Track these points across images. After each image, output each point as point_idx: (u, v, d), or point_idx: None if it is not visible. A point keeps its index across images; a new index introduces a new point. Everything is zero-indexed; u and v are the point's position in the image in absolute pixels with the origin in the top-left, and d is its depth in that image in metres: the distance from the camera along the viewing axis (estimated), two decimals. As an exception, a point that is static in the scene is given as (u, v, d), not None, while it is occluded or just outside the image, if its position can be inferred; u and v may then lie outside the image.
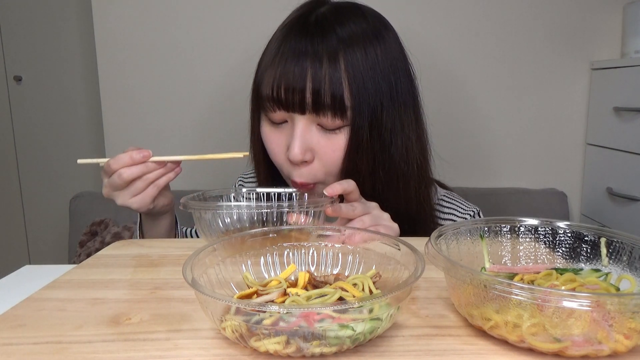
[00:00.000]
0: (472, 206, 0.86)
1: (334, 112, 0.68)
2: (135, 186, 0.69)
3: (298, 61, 0.68)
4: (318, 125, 0.71)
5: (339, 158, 0.72)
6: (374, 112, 0.70)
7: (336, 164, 0.72)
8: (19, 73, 1.79)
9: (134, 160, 0.68)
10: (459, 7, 1.41)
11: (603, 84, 1.40)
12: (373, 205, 0.67)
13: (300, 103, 0.68)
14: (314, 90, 0.67)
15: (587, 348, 0.35)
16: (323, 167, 0.73)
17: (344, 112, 0.69)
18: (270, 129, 0.75)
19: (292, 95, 0.68)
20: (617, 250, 0.45)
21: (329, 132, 0.71)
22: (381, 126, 0.71)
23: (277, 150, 0.75)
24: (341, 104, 0.68)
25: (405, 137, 0.74)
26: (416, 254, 0.41)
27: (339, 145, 0.71)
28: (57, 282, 0.51)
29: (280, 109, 0.70)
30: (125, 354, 0.36)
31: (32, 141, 1.84)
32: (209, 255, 0.44)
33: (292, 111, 0.70)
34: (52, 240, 1.88)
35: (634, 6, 1.35)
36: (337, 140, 0.71)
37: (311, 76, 0.67)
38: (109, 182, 0.69)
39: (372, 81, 0.70)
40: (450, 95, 1.43)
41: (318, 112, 0.69)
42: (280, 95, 0.69)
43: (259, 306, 0.33)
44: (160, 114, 1.47)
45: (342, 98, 0.68)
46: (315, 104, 0.68)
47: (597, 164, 1.44)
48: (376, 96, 0.70)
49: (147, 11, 1.43)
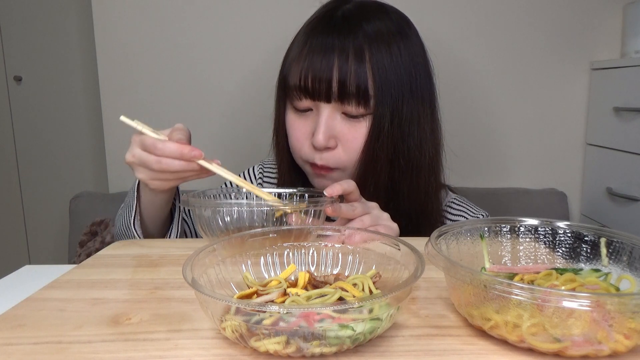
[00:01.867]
0: (481, 210, 0.87)
1: (358, 100, 0.72)
2: (165, 175, 0.65)
3: (325, 54, 0.72)
4: (342, 113, 0.75)
5: (360, 145, 0.75)
6: (395, 103, 0.74)
7: (358, 150, 0.75)
8: (19, 73, 1.79)
9: (182, 156, 0.63)
10: (458, 7, 1.41)
11: (603, 84, 1.40)
12: (373, 205, 0.68)
13: (326, 92, 0.72)
14: (340, 80, 0.71)
15: (587, 348, 0.35)
16: (345, 154, 0.76)
17: (367, 101, 0.72)
18: (295, 117, 0.78)
19: (319, 85, 0.72)
20: (617, 250, 0.45)
21: (353, 120, 0.75)
22: (401, 116, 0.74)
23: (300, 137, 0.78)
24: (365, 93, 0.72)
25: (420, 130, 0.77)
26: (416, 254, 0.41)
27: (361, 133, 0.75)
28: (57, 282, 0.51)
29: (307, 97, 0.74)
30: (125, 354, 0.36)
31: (32, 141, 1.84)
32: (209, 255, 0.44)
33: (318, 100, 0.74)
34: (52, 240, 1.88)
35: (634, 6, 1.35)
36: (360, 128, 0.75)
37: (338, 67, 0.71)
38: (143, 157, 0.64)
39: (394, 73, 0.73)
40: (449, 95, 1.43)
41: (343, 100, 0.72)
42: (307, 85, 0.73)
43: (259, 306, 0.33)
44: (161, 114, 1.47)
45: (366, 88, 0.72)
46: (341, 93, 0.72)
47: (597, 164, 1.44)
48: (398, 88, 0.74)
49: (147, 11, 1.43)
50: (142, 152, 0.64)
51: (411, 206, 0.78)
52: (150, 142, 0.63)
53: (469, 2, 1.41)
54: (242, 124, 1.46)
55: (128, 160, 0.66)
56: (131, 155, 0.66)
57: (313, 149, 0.76)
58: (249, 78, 1.45)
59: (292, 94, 0.76)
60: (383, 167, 0.75)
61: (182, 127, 0.67)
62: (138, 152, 0.64)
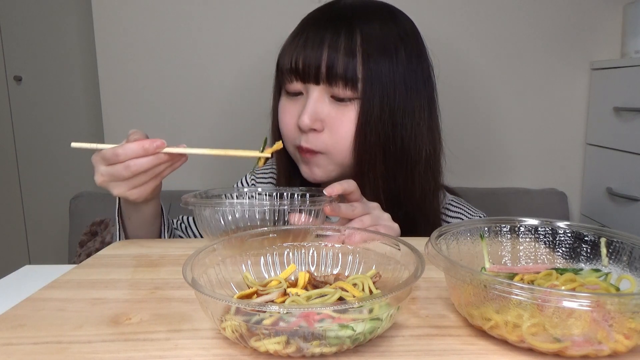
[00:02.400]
0: (479, 212, 0.87)
1: (346, 81, 0.72)
2: (139, 179, 0.63)
3: (317, 38, 0.73)
4: (331, 97, 0.74)
5: (348, 130, 0.74)
6: (386, 90, 0.73)
7: (345, 136, 0.75)
8: (19, 73, 1.79)
9: (146, 151, 0.61)
10: (458, 7, 1.41)
11: (603, 84, 1.40)
12: (374, 205, 0.67)
13: (315, 74, 0.73)
14: (329, 62, 0.72)
15: (587, 348, 0.35)
16: (331, 139, 0.75)
17: (355, 84, 0.72)
18: (286, 101, 0.79)
19: (309, 67, 0.73)
20: (617, 250, 0.45)
21: (340, 104, 0.74)
22: (393, 105, 0.74)
23: (288, 120, 0.78)
24: (353, 76, 0.72)
25: (415, 125, 0.76)
26: (416, 254, 0.41)
27: (348, 117, 0.74)
28: (57, 282, 0.51)
29: (297, 79, 0.75)
30: (125, 354, 0.36)
31: (32, 141, 1.84)
32: (209, 255, 0.44)
33: (307, 81, 0.74)
34: (52, 240, 1.88)
35: (634, 6, 1.35)
36: (348, 112, 0.74)
37: (328, 50, 0.72)
38: (110, 171, 0.62)
39: (387, 63, 0.74)
40: (448, 95, 1.43)
41: (331, 82, 0.73)
42: (297, 66, 0.74)
43: (259, 306, 0.33)
44: (161, 114, 1.47)
45: (354, 71, 0.72)
46: (329, 74, 0.72)
47: (597, 164, 1.44)
48: (389, 76, 0.74)
49: (147, 11, 1.43)
50: (107, 167, 0.62)
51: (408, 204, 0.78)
52: (110, 152, 0.61)
53: (469, 2, 1.41)
54: (242, 124, 1.46)
55: (98, 181, 0.64)
56: (99, 175, 0.63)
57: (299, 133, 0.76)
58: (250, 78, 1.45)
59: (284, 78, 0.77)
60: (377, 155, 0.75)
61: (135, 131, 0.65)
62: (103, 168, 0.63)
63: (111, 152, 0.61)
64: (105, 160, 0.63)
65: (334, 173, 0.78)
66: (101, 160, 0.63)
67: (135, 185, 0.63)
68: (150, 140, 0.61)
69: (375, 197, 0.72)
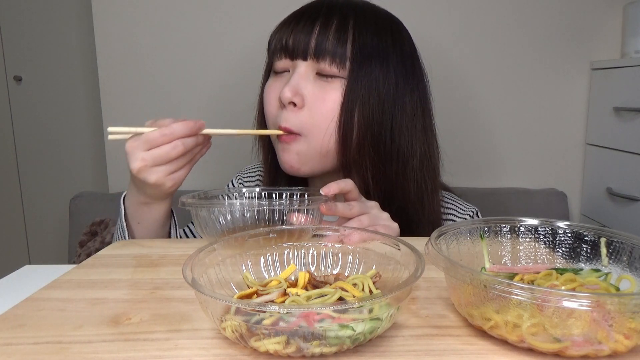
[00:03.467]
0: (471, 206, 0.86)
1: (333, 57, 0.71)
2: (179, 162, 0.63)
3: (310, 17, 0.73)
4: (317, 74, 0.73)
5: (330, 110, 0.72)
6: (375, 74, 0.73)
7: (326, 116, 0.72)
8: (19, 73, 1.79)
9: (191, 130, 0.61)
10: (458, 6, 1.41)
11: (603, 84, 1.40)
12: (372, 204, 0.67)
13: (303, 49, 0.72)
14: (319, 37, 0.72)
15: (587, 348, 0.35)
16: (311, 118, 0.73)
17: (343, 61, 0.72)
18: (271, 80, 0.78)
19: (298, 43, 0.72)
20: (617, 250, 0.45)
21: (325, 83, 0.73)
22: (381, 90, 0.73)
23: (272, 97, 0.77)
24: (342, 53, 0.71)
25: (407, 117, 0.75)
26: (416, 254, 0.41)
27: (331, 97, 0.72)
28: (57, 282, 0.51)
29: (286, 56, 0.74)
30: (125, 354, 0.36)
31: (32, 141, 1.84)
32: (209, 255, 0.44)
33: (295, 57, 0.73)
34: (52, 240, 1.88)
35: (634, 6, 1.35)
36: (331, 91, 0.72)
37: (319, 27, 0.72)
38: (155, 153, 0.61)
39: (377, 49, 0.73)
40: (449, 95, 1.44)
41: (318, 57, 0.72)
42: (287, 44, 0.73)
43: (259, 306, 0.33)
44: (161, 114, 1.47)
45: (344, 48, 0.71)
46: (317, 49, 0.72)
47: (597, 164, 1.44)
48: (379, 62, 0.73)
49: (147, 11, 1.43)
50: (150, 151, 0.62)
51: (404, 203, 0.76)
52: (156, 134, 0.61)
53: (468, 2, 1.41)
54: (242, 124, 1.45)
55: (137, 166, 0.62)
56: (139, 160, 0.62)
57: (280, 110, 0.74)
58: (250, 78, 1.44)
59: (273, 56, 0.76)
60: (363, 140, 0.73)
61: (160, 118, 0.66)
62: (144, 153, 0.62)
63: (158, 134, 0.61)
64: (148, 143, 0.62)
65: (314, 162, 0.75)
66: (142, 144, 0.62)
67: (173, 170, 0.64)
68: (193, 121, 0.63)
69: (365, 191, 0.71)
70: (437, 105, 0.84)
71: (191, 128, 0.62)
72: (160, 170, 0.63)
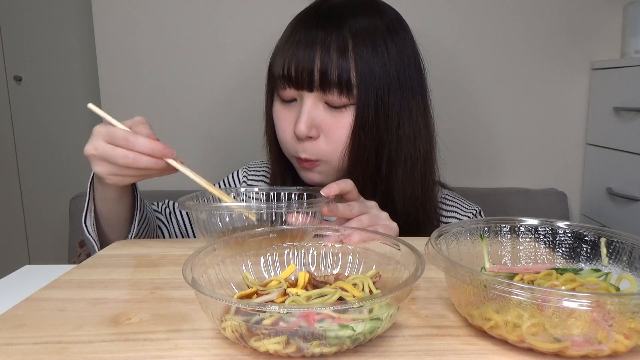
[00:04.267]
0: (474, 205, 0.87)
1: (340, 89, 0.72)
2: (127, 171, 0.62)
3: (308, 44, 0.72)
4: (325, 103, 0.74)
5: (343, 136, 0.74)
6: (381, 93, 0.73)
7: (340, 141, 0.75)
8: (19, 73, 1.79)
9: (153, 153, 0.60)
10: (458, 6, 1.41)
11: (603, 84, 1.40)
12: (372, 204, 0.67)
13: (308, 81, 0.72)
14: (322, 69, 0.71)
15: (587, 348, 0.35)
16: (328, 145, 0.75)
17: (350, 90, 0.72)
18: (280, 107, 0.79)
19: (302, 74, 0.72)
20: (617, 250, 0.45)
21: (335, 110, 0.74)
22: (387, 108, 0.74)
23: (285, 126, 0.78)
24: (347, 82, 0.72)
25: (413, 122, 0.77)
26: (416, 254, 0.41)
27: (344, 123, 0.74)
28: (57, 282, 0.51)
29: (291, 87, 0.75)
30: (125, 354, 0.36)
31: (32, 141, 1.84)
32: (209, 255, 0.44)
33: (301, 89, 0.74)
34: (52, 240, 1.88)
35: (634, 6, 1.35)
36: (343, 118, 0.74)
37: (320, 57, 0.72)
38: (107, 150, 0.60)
39: (379, 65, 0.73)
40: (449, 95, 1.43)
41: (325, 89, 0.72)
42: (290, 74, 0.73)
43: (259, 306, 0.33)
44: (161, 115, 1.47)
45: (348, 77, 0.72)
46: (322, 82, 0.72)
47: (597, 164, 1.44)
48: (383, 78, 0.73)
49: (147, 11, 1.43)
50: (106, 145, 0.60)
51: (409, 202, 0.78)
52: (122, 135, 0.60)
53: (468, 2, 1.41)
54: (242, 124, 1.46)
55: (88, 152, 0.61)
56: (93, 147, 0.61)
57: (296, 140, 0.76)
58: (250, 78, 1.45)
59: (277, 83, 0.77)
60: (370, 158, 0.75)
61: (145, 121, 0.64)
62: (102, 145, 0.60)
63: (123, 135, 0.60)
64: (109, 137, 0.61)
65: (334, 176, 0.79)
66: (105, 134, 0.61)
67: (120, 174, 0.62)
68: (163, 145, 0.60)
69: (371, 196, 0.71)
70: (437, 106, 0.84)
71: (153, 150, 0.60)
72: (107, 166, 0.62)
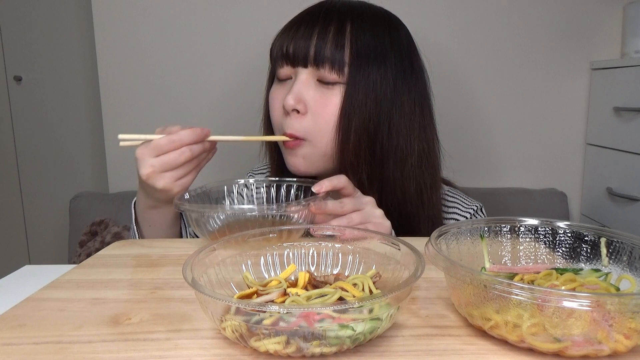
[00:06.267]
0: (475, 202, 0.87)
1: (332, 64, 0.73)
2: (186, 167, 0.66)
3: (308, 25, 0.75)
4: (318, 81, 0.75)
5: (331, 115, 0.75)
6: (373, 78, 0.74)
7: (327, 121, 0.75)
8: (19, 73, 1.79)
9: (198, 137, 0.65)
10: (459, 6, 1.41)
11: (603, 84, 1.40)
12: (367, 200, 0.66)
13: (304, 56, 0.74)
14: (317, 45, 0.73)
15: (587, 348, 0.35)
16: (314, 123, 0.75)
17: (341, 67, 0.73)
18: (275, 87, 0.80)
19: (298, 50, 0.74)
20: (617, 250, 0.45)
21: (326, 89, 0.75)
22: (378, 93, 0.75)
23: (277, 104, 0.79)
24: (340, 59, 0.73)
25: (405, 116, 0.77)
26: (416, 254, 0.41)
27: (332, 102, 0.75)
28: (57, 282, 0.51)
29: (287, 64, 0.76)
30: (125, 354, 0.36)
31: (32, 141, 1.84)
32: (209, 255, 0.44)
33: (296, 65, 0.75)
34: (52, 240, 1.88)
35: (634, 6, 1.35)
36: (332, 96, 0.75)
37: (317, 34, 0.74)
38: (163, 160, 0.64)
39: (374, 52, 0.75)
40: (449, 95, 1.44)
41: (318, 64, 0.74)
42: (288, 51, 0.75)
43: (259, 306, 0.33)
44: (161, 114, 1.48)
45: (342, 54, 0.73)
46: (317, 57, 0.73)
47: (597, 164, 1.44)
48: (376, 65, 0.74)
49: (147, 11, 1.43)
50: (158, 157, 0.65)
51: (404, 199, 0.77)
52: (164, 141, 0.64)
53: (468, 2, 1.41)
54: (242, 124, 1.46)
55: (146, 172, 0.65)
56: (149, 166, 0.65)
57: (284, 117, 0.77)
58: (250, 78, 1.45)
59: (275, 64, 0.78)
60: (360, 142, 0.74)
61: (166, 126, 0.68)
62: (154, 160, 0.65)
63: (167, 140, 0.64)
64: (156, 150, 0.65)
65: (319, 164, 0.78)
66: (151, 150, 0.65)
67: (180, 176, 0.67)
68: (199, 128, 0.66)
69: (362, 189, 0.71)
70: (437, 106, 0.84)
71: (198, 135, 0.65)
72: (168, 176, 0.66)
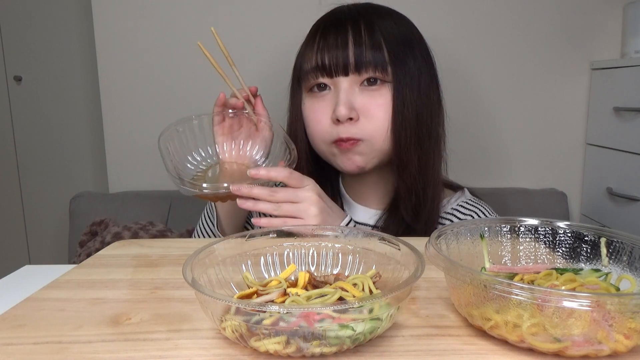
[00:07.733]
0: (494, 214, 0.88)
1: (375, 66, 0.74)
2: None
3: (338, 32, 0.75)
4: (361, 85, 0.76)
5: (383, 114, 0.76)
6: (411, 70, 0.76)
7: (381, 120, 0.76)
8: (19, 73, 1.79)
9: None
10: (458, 7, 1.41)
11: (603, 84, 1.40)
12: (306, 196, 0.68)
13: (343, 66, 0.74)
14: (356, 50, 0.74)
15: (587, 348, 0.35)
16: (369, 124, 0.76)
17: (384, 68, 0.74)
18: (312, 101, 0.80)
19: (336, 60, 0.74)
20: (617, 250, 0.45)
21: (371, 91, 0.76)
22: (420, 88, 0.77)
23: (319, 117, 0.78)
24: (382, 60, 0.74)
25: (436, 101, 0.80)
26: (416, 254, 0.41)
27: (382, 102, 0.76)
28: (57, 282, 0.51)
29: (325, 76, 0.76)
30: (125, 354, 0.36)
31: (32, 141, 1.84)
32: (209, 255, 0.44)
33: (336, 75, 0.75)
34: (52, 240, 1.88)
35: (634, 6, 1.35)
36: (379, 97, 0.76)
37: (352, 39, 0.74)
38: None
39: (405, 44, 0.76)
40: (448, 95, 1.43)
41: (360, 70, 0.74)
42: (324, 63, 0.75)
43: (259, 306, 0.33)
44: (161, 114, 1.47)
45: (382, 54, 0.74)
46: (358, 63, 0.74)
47: (597, 164, 1.44)
48: (410, 55, 0.76)
49: (147, 11, 1.43)
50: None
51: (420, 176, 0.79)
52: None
53: (468, 2, 1.41)
54: (242, 124, 1.46)
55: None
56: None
57: (334, 126, 0.76)
58: (250, 77, 1.44)
59: (308, 78, 0.78)
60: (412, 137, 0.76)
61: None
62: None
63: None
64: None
65: (375, 160, 0.79)
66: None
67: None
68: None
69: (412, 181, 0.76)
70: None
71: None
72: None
